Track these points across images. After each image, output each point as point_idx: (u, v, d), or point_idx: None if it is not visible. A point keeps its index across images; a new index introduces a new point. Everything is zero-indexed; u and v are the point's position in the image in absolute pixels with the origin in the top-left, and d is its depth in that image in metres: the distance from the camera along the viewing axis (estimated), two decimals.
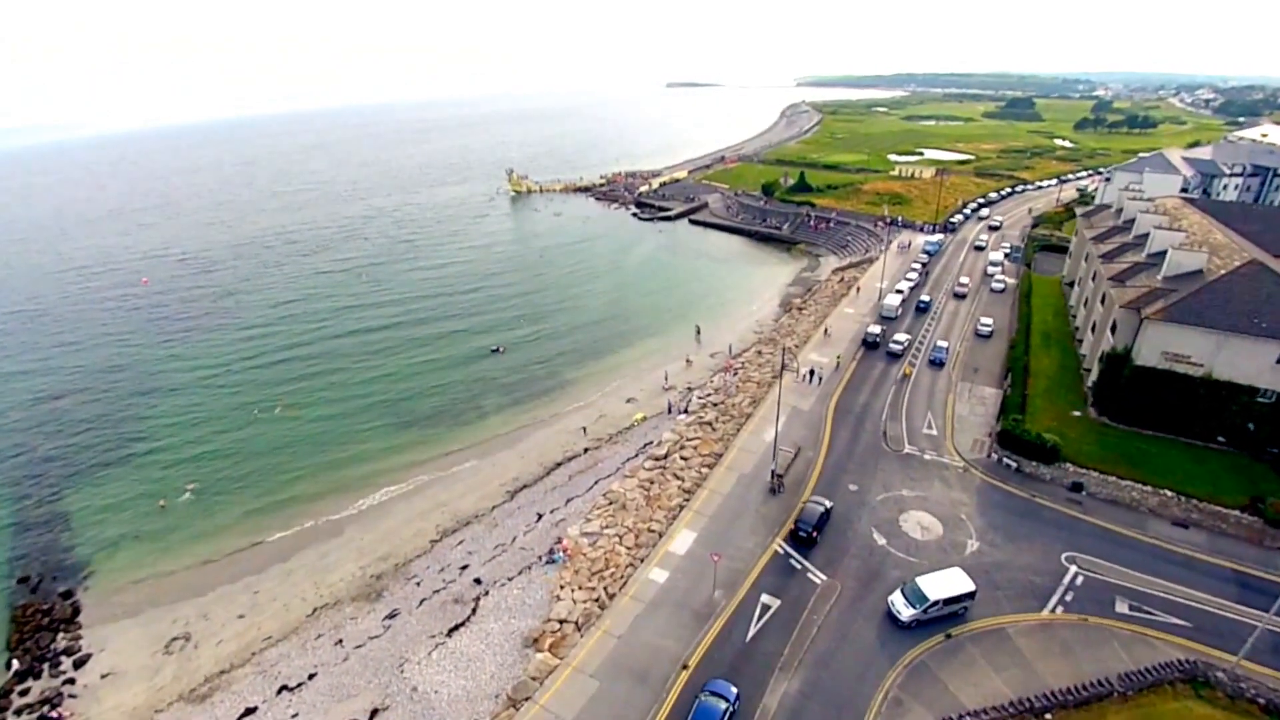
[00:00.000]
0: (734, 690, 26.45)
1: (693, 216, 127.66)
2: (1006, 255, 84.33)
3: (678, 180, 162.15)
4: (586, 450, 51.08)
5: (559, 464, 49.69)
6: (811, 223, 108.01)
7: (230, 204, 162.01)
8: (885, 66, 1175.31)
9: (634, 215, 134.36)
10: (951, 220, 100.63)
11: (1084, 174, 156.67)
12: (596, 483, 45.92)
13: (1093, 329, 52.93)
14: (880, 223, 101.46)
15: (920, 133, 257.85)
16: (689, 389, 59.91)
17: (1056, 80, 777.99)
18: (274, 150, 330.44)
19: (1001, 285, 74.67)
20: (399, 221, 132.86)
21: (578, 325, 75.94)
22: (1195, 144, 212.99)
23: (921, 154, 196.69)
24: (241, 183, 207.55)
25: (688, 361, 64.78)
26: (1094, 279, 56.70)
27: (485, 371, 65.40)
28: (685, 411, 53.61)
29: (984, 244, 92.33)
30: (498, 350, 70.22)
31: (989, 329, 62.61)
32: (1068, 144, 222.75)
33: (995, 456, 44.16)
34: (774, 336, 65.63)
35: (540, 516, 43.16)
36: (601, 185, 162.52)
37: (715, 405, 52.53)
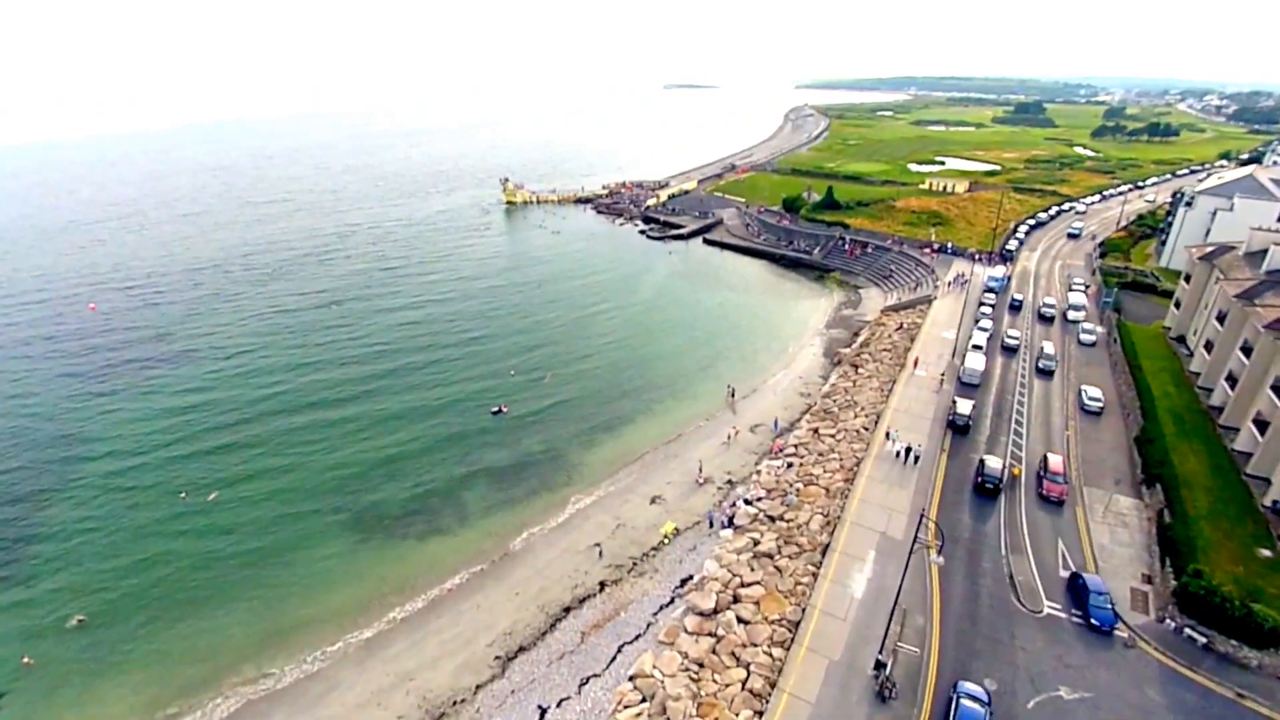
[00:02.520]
0: None
1: (707, 235, 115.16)
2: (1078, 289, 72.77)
3: (687, 192, 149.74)
4: (603, 586, 38.36)
5: (567, 609, 36.97)
6: (846, 247, 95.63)
7: (197, 216, 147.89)
8: (884, 70, 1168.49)
9: (641, 232, 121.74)
10: (1008, 247, 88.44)
11: (1124, 188, 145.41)
12: (620, 650, 33.32)
13: (1259, 427, 40.70)
14: (927, 249, 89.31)
15: (934, 139, 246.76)
16: (729, 482, 47.38)
17: (1058, 85, 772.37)
18: (258, 153, 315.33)
19: (1091, 337, 62.52)
20: (379, 239, 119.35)
21: (584, 382, 63.13)
22: (1227, 154, 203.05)
23: (943, 163, 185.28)
24: (216, 190, 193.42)
25: (726, 439, 52.15)
26: (1246, 352, 44.65)
27: (470, 449, 52.56)
28: (730, 525, 41.15)
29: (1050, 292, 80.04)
30: (499, 411, 57.68)
31: (1098, 404, 50.38)
32: (1089, 152, 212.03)
33: (1172, 623, 31.93)
34: (830, 407, 53.14)
35: (543, 713, 30.53)
36: (604, 197, 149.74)
37: (772, 520, 40.06)
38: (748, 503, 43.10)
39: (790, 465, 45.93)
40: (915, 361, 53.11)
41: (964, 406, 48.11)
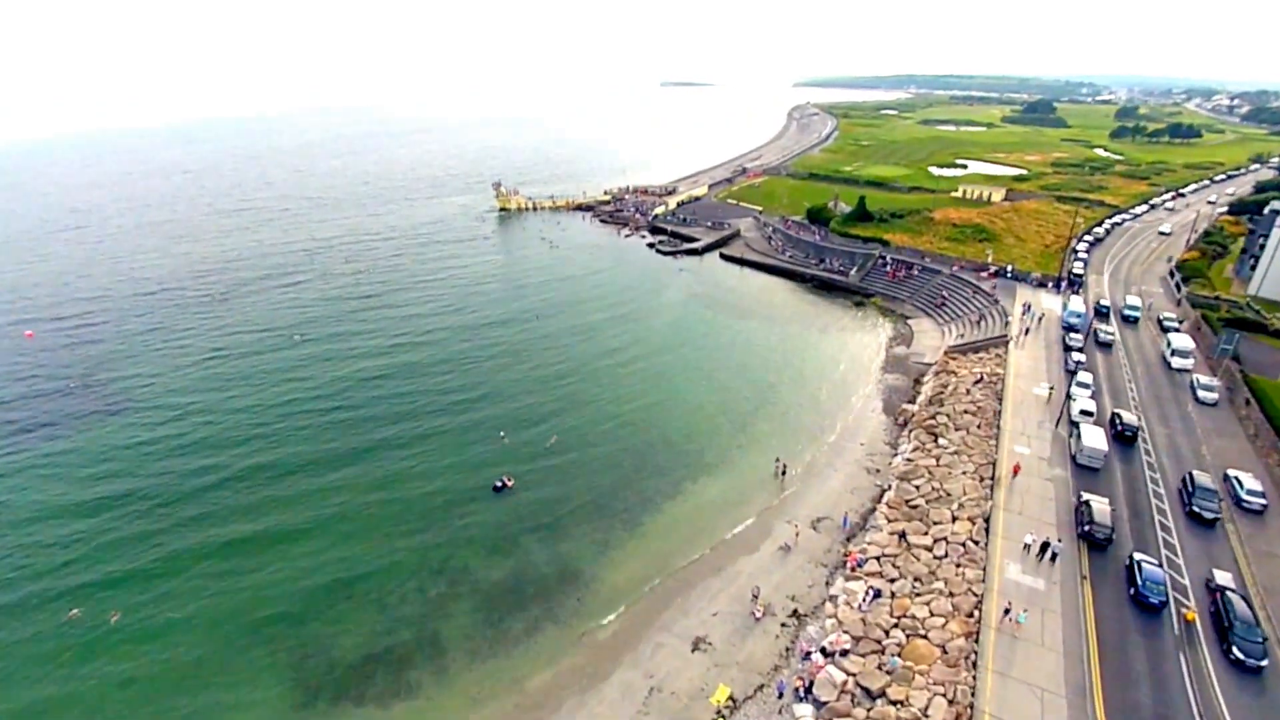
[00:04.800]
0: None
1: (724, 250, 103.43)
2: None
3: (697, 199, 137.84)
4: None
5: None
6: (889, 269, 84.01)
7: (161, 225, 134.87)
8: (883, 68, 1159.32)
9: (649, 245, 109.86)
10: (1075, 272, 77.02)
11: (1166, 195, 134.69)
12: None
13: None
14: (985, 273, 77.84)
15: (949, 140, 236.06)
16: (796, 614, 35.70)
17: (1059, 83, 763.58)
18: (239, 153, 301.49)
19: (1212, 395, 51.15)
20: (356, 256, 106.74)
21: (596, 446, 51.25)
22: (1259, 157, 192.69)
23: (965, 167, 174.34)
24: (188, 194, 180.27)
25: (783, 545, 40.46)
26: None
27: (453, 553, 40.77)
28: (808, 696, 29.64)
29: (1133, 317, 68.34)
30: (502, 487, 46.08)
31: (1260, 500, 39.00)
32: (1115, 155, 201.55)
33: None
34: (914, 497, 41.56)
35: None
36: (606, 203, 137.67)
37: (870, 697, 28.56)
38: (826, 653, 31.60)
39: (877, 595, 34.36)
40: (1016, 469, 41.31)
41: (1100, 508, 36.64)
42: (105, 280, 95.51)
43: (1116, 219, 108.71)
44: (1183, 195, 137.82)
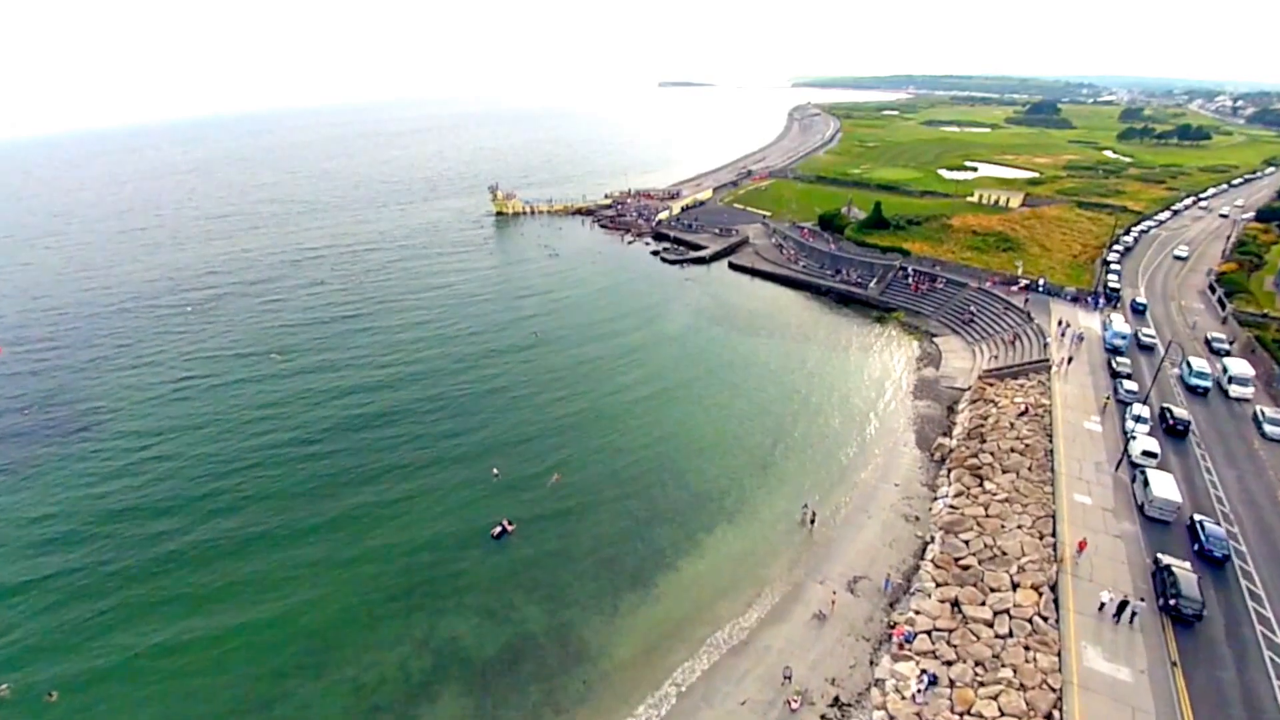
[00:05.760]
0: None
1: (733, 259, 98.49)
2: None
3: (702, 203, 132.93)
4: None
5: None
6: (910, 281, 79.06)
7: (144, 232, 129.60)
8: (881, 68, 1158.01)
9: (654, 253, 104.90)
10: (1111, 286, 72.23)
11: (1186, 200, 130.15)
12: None
13: None
14: (1014, 287, 72.98)
15: (955, 141, 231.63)
16: (837, 703, 30.77)
17: (1059, 84, 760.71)
18: (232, 154, 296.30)
19: None
20: (342, 264, 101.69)
21: (601, 489, 46.20)
22: (1274, 160, 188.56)
23: (975, 169, 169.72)
24: (176, 197, 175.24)
25: (817, 613, 35.46)
26: None
27: (441, 614, 35.73)
28: None
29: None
30: (502, 533, 41.23)
31: None
32: (1124, 157, 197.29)
33: None
34: (963, 554, 36.64)
35: None
36: (607, 208, 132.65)
37: None
38: None
39: (933, 682, 29.43)
40: (1081, 546, 35.77)
41: (1186, 576, 31.70)
42: (77, 293, 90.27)
43: (1142, 226, 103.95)
44: (1202, 201, 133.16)
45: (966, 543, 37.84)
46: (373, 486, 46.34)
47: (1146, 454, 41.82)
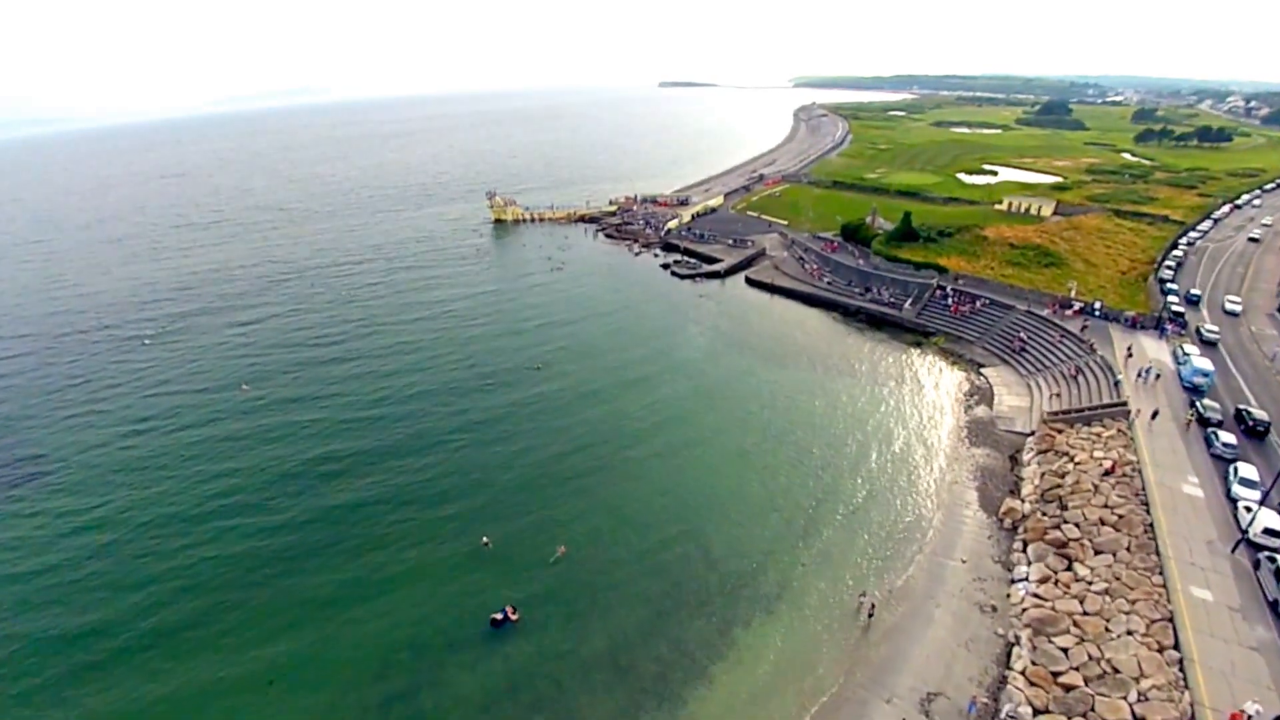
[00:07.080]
0: None
1: (750, 273, 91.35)
2: None
3: (712, 210, 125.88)
4: None
5: None
6: (950, 301, 71.90)
7: (119, 243, 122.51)
8: (883, 68, 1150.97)
9: (664, 266, 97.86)
10: (1175, 309, 65.10)
11: (1224, 206, 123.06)
12: None
13: None
14: (1068, 310, 65.85)
15: (969, 144, 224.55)
16: None
17: (1064, 84, 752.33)
18: (221, 156, 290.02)
19: None
20: (326, 278, 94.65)
21: (615, 569, 39.04)
22: None
23: (995, 173, 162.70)
24: (160, 203, 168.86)
25: None
26: None
27: None
28: None
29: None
30: (504, 620, 34.32)
31: None
32: (1146, 160, 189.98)
33: None
34: (1063, 671, 29.59)
35: None
36: (612, 215, 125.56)
37: None
38: None
39: None
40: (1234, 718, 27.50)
41: None
42: (39, 315, 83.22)
43: (1187, 238, 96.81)
44: (1238, 206, 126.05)
45: (1065, 651, 30.78)
46: (346, 564, 39.18)
47: (1270, 532, 34.78)
